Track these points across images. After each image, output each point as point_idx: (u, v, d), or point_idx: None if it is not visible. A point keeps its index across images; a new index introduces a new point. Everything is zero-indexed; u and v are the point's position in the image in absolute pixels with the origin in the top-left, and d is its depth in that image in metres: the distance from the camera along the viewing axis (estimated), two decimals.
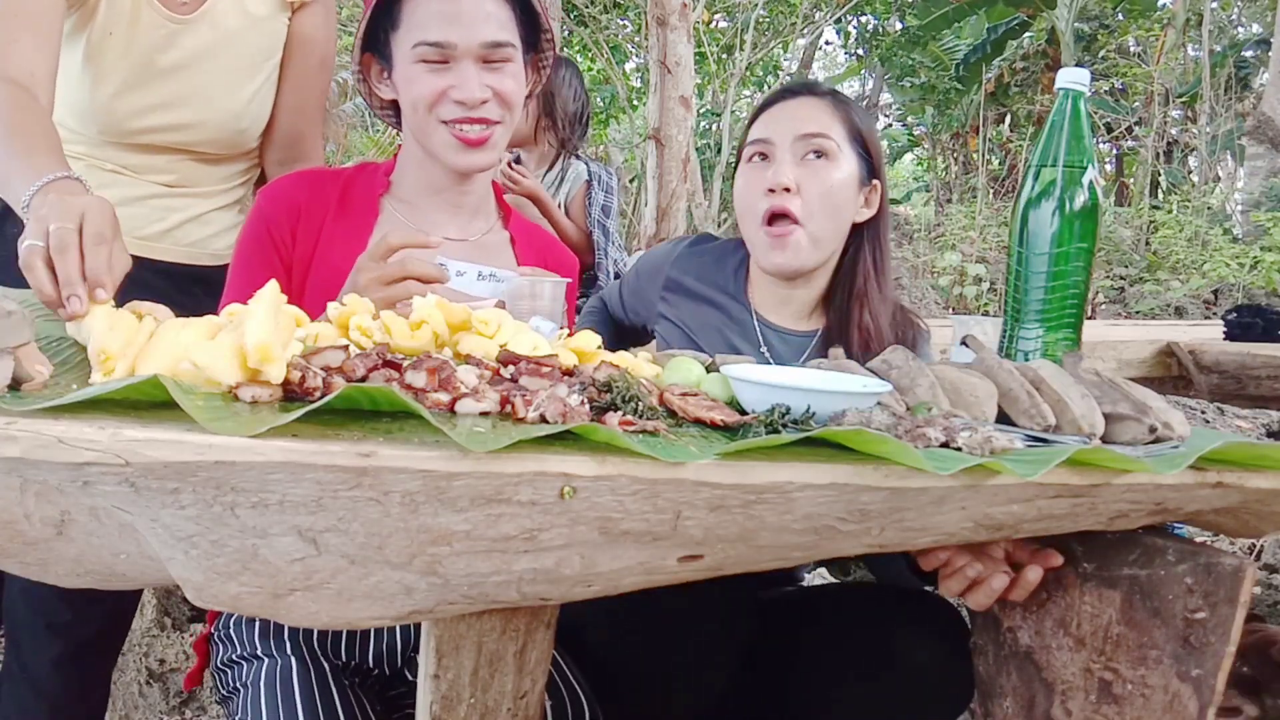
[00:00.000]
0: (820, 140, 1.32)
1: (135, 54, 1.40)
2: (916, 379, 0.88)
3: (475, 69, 1.22)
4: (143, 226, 1.47)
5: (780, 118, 1.35)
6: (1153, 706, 0.85)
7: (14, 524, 0.66)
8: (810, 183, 1.31)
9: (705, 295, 1.42)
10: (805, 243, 1.31)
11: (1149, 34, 10.99)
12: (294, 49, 1.53)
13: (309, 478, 0.59)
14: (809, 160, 1.32)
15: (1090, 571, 0.89)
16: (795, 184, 1.30)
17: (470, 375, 0.73)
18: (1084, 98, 1.07)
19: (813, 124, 1.33)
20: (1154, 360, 1.90)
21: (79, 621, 1.46)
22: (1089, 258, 1.06)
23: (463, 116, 1.22)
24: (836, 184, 1.32)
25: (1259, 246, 6.64)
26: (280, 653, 1.09)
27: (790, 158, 1.32)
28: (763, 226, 1.32)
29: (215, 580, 0.65)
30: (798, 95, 1.37)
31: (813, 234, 1.31)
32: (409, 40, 1.22)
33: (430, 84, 1.22)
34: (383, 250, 1.08)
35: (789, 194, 1.30)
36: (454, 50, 1.21)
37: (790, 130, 1.32)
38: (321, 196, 1.29)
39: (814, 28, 10.69)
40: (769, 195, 1.31)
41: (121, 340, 0.71)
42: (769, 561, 0.77)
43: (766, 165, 1.34)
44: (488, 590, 0.69)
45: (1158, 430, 0.82)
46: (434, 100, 1.22)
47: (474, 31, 1.21)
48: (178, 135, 1.46)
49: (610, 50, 9.40)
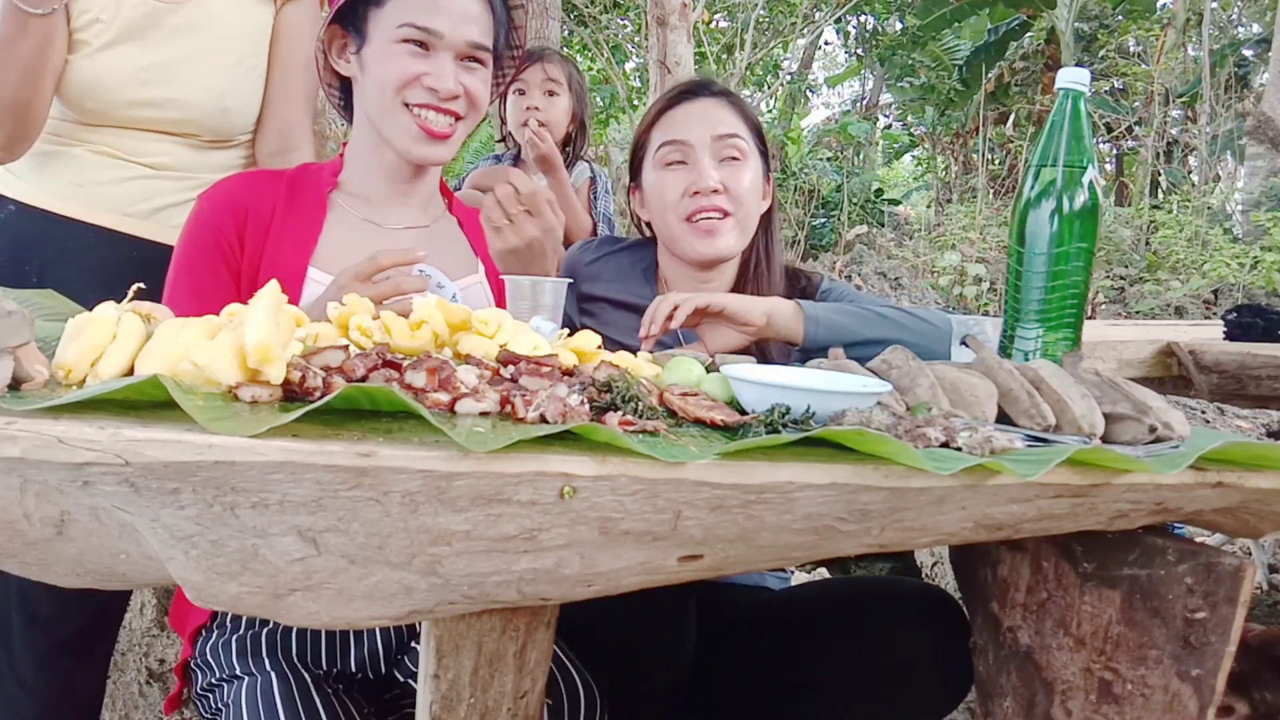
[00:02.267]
0: (735, 141, 1.39)
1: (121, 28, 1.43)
2: (916, 379, 0.88)
3: (454, 63, 1.24)
4: (129, 205, 1.49)
5: (692, 120, 1.40)
6: (1153, 706, 0.85)
7: (14, 524, 0.66)
8: (732, 181, 1.38)
9: (622, 300, 1.46)
10: (735, 231, 1.39)
11: (1149, 34, 10.99)
12: (279, 42, 1.57)
13: (309, 478, 0.59)
14: (726, 162, 1.38)
15: (1090, 571, 0.89)
16: (720, 184, 1.36)
17: (470, 375, 0.73)
18: (1084, 98, 1.07)
19: (725, 125, 1.39)
20: (1154, 360, 1.90)
21: (63, 617, 1.47)
22: (1089, 258, 1.06)
23: (431, 103, 1.23)
24: (751, 180, 1.40)
25: (1259, 246, 6.64)
26: (259, 669, 1.07)
27: (710, 159, 1.37)
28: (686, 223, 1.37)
29: (215, 580, 0.65)
30: (700, 96, 1.42)
31: (740, 222, 1.39)
32: (395, 19, 1.22)
33: (407, 66, 1.22)
34: (371, 270, 1.07)
35: (716, 194, 1.36)
36: (439, 40, 1.22)
37: (706, 132, 1.38)
38: (266, 197, 1.28)
39: (814, 28, 10.69)
40: (695, 198, 1.37)
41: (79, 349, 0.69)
42: (769, 561, 0.77)
43: (687, 169, 1.38)
44: (488, 590, 0.69)
45: (1158, 430, 0.82)
46: (406, 82, 1.23)
47: (461, 28, 1.23)
48: (164, 113, 1.48)
49: (610, 50, 9.40)
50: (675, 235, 1.40)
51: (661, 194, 1.40)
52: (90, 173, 1.47)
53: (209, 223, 1.25)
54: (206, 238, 1.24)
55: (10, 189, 1.49)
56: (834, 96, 17.62)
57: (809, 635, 1.28)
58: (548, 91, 2.31)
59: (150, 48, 1.45)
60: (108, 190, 1.48)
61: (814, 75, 14.04)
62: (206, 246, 1.24)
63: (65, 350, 0.70)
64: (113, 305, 0.77)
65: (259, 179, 1.31)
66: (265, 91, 1.56)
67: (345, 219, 1.31)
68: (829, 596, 1.38)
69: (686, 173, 1.38)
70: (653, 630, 1.18)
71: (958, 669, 1.12)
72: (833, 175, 9.75)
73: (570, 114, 2.37)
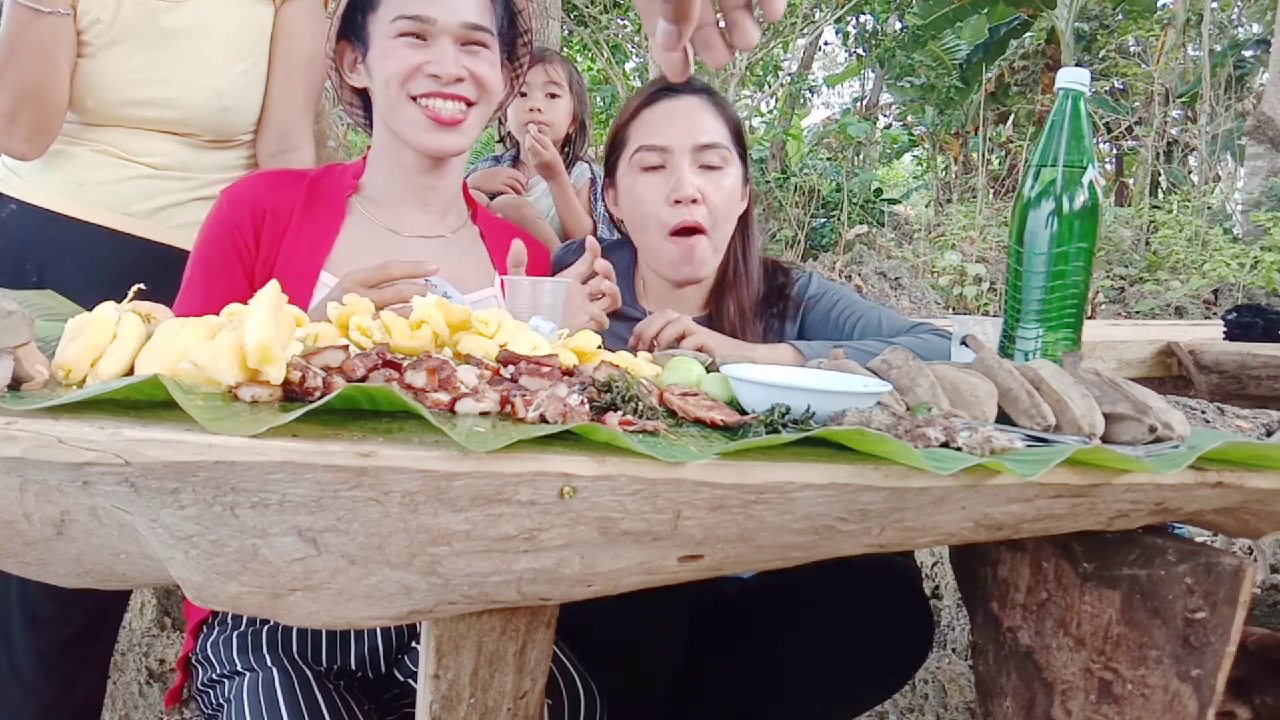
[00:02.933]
0: (717, 151, 1.35)
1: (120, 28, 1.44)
2: (916, 379, 0.88)
3: (453, 48, 1.23)
4: (129, 203, 1.50)
5: (672, 123, 1.36)
6: (1153, 706, 0.85)
7: (14, 524, 0.66)
8: (711, 191, 1.34)
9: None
10: (709, 251, 1.36)
11: (1149, 34, 10.99)
12: (279, 41, 1.56)
13: (309, 478, 0.59)
14: (706, 170, 1.34)
15: (1090, 571, 0.89)
16: (699, 193, 1.33)
17: (470, 375, 0.73)
18: (1084, 98, 1.07)
19: (707, 133, 1.35)
20: (1154, 360, 1.90)
21: (64, 618, 1.47)
22: (1089, 258, 1.06)
23: (436, 90, 1.22)
24: (730, 191, 1.36)
25: (1259, 246, 6.63)
26: (260, 665, 1.07)
27: (689, 167, 1.34)
28: (669, 238, 1.34)
29: (215, 580, 0.65)
30: (682, 94, 1.37)
31: (715, 242, 1.36)
32: (388, 15, 1.22)
33: (406, 58, 1.21)
34: (379, 278, 1.06)
35: (695, 205, 1.33)
36: (433, 25, 1.21)
37: (687, 139, 1.34)
38: (286, 198, 1.27)
39: (814, 28, 10.69)
40: (675, 207, 1.33)
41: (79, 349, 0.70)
42: (769, 561, 0.77)
43: (666, 174, 1.35)
44: (488, 590, 0.69)
45: (1158, 430, 0.82)
46: (408, 74, 1.22)
47: (454, 10, 1.22)
48: (163, 112, 1.48)
49: (610, 50, 9.39)
50: (653, 248, 1.37)
51: (639, 202, 1.36)
52: (91, 172, 1.48)
53: (227, 220, 1.25)
54: (223, 235, 1.24)
55: (11, 188, 1.49)
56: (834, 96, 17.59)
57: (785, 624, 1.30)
58: (549, 94, 2.32)
59: (148, 47, 1.45)
60: (108, 189, 1.48)
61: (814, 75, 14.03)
62: (223, 243, 1.24)
63: (65, 350, 0.70)
64: (113, 305, 0.77)
65: (282, 178, 1.31)
66: (265, 91, 1.56)
67: (362, 224, 1.30)
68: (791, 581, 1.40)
69: (664, 179, 1.34)
70: (650, 630, 1.19)
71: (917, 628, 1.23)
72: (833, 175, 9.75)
73: (571, 115, 2.38)
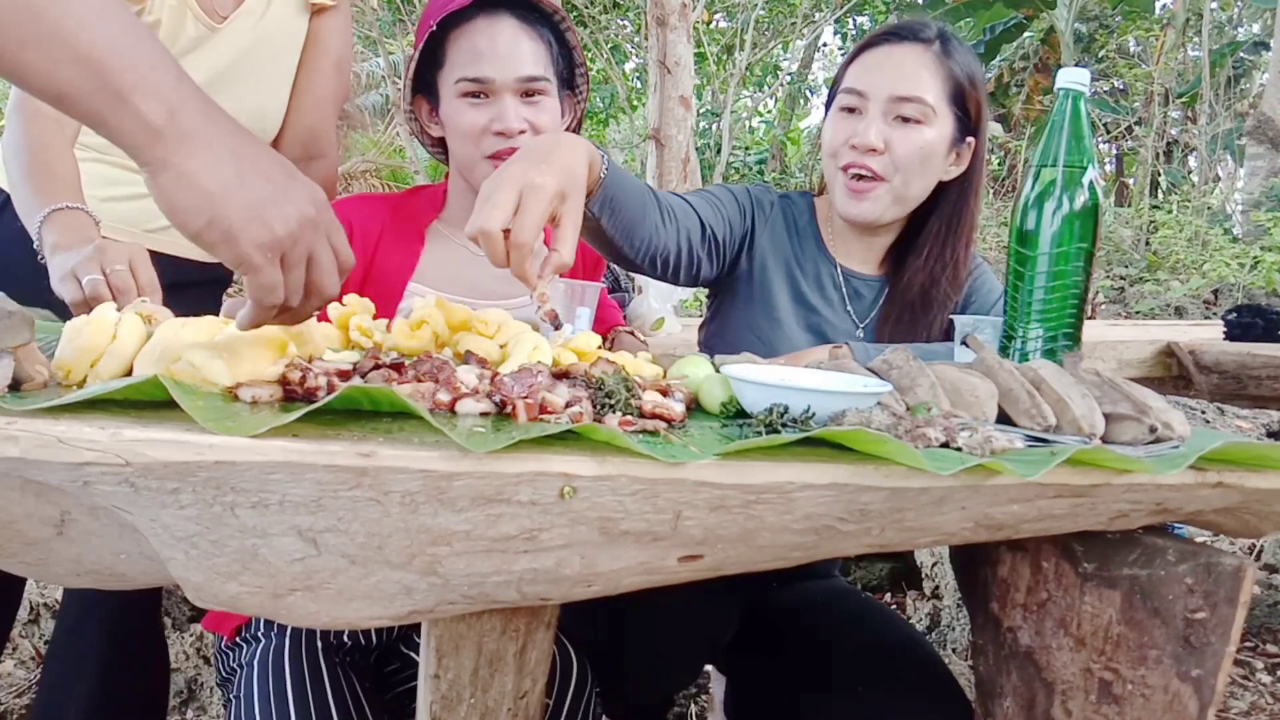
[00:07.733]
0: (914, 105, 1.27)
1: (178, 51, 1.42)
2: (916, 379, 0.88)
3: (514, 102, 1.32)
4: (149, 220, 1.48)
5: (878, 69, 1.30)
6: (1153, 706, 0.85)
7: (14, 524, 0.66)
8: (899, 143, 1.28)
9: (788, 243, 1.41)
10: (886, 198, 1.30)
11: (1149, 34, 10.99)
12: (310, 49, 1.56)
13: (309, 478, 0.59)
14: (899, 123, 1.28)
15: (1090, 571, 0.89)
16: (884, 143, 1.27)
17: (470, 375, 0.73)
18: (1084, 98, 1.07)
19: (909, 84, 1.27)
20: (1154, 360, 1.90)
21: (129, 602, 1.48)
22: (1089, 258, 1.06)
23: (504, 148, 1.30)
24: (926, 146, 1.29)
25: (1259, 246, 6.64)
26: (269, 633, 1.15)
27: (880, 117, 1.28)
28: (841, 172, 1.31)
29: (215, 580, 0.65)
30: (903, 41, 1.31)
31: (895, 190, 1.30)
32: (452, 77, 1.32)
33: (472, 117, 1.31)
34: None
35: (874, 154, 1.28)
36: (492, 85, 1.30)
37: (886, 88, 1.28)
38: (374, 218, 1.37)
39: (814, 28, 10.69)
40: (852, 150, 1.29)
41: (77, 348, 0.71)
42: (769, 561, 0.77)
43: (856, 119, 1.30)
44: (488, 590, 0.69)
45: (1158, 430, 0.82)
46: (477, 135, 1.32)
47: (510, 67, 1.30)
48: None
49: (610, 50, 9.39)
50: (831, 182, 1.35)
51: (829, 137, 1.34)
52: (108, 188, 1.45)
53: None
54: None
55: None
56: None
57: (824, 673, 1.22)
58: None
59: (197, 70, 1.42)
60: (124, 206, 1.46)
61: (814, 75, 14.03)
62: None
63: (65, 350, 0.71)
64: (112, 307, 0.77)
65: (366, 202, 1.42)
66: (292, 97, 1.54)
67: (445, 244, 1.41)
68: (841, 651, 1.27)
69: (853, 123, 1.30)
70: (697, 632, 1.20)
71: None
72: None
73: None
